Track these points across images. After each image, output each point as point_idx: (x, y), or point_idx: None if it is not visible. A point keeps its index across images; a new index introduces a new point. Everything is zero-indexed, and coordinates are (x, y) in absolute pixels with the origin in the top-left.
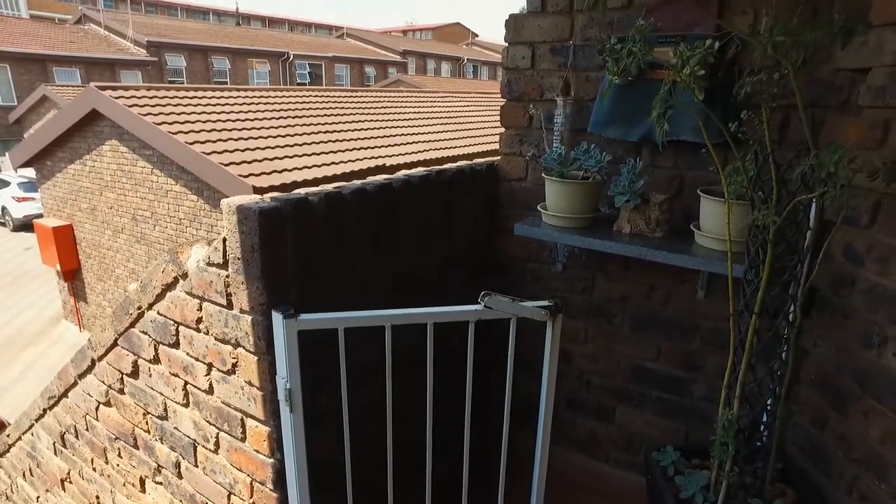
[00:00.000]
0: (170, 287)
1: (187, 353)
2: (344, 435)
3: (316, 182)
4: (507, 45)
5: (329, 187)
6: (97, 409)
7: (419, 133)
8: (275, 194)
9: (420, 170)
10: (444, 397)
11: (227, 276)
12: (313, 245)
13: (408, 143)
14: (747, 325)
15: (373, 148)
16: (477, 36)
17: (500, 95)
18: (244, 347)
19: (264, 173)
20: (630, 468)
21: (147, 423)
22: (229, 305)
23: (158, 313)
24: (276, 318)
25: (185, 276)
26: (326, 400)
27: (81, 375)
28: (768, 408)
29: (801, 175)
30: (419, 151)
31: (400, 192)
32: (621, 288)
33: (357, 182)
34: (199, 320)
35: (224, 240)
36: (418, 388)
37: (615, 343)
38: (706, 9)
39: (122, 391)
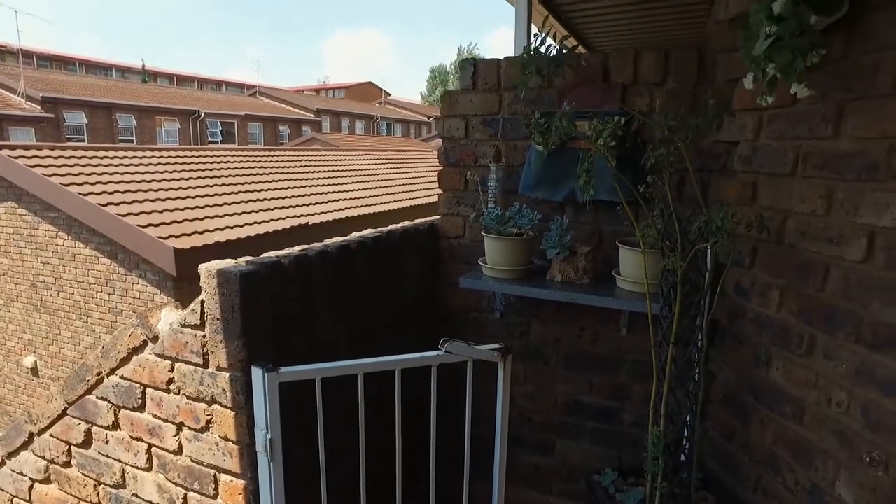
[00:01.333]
0: (137, 350)
1: (154, 416)
2: (321, 481)
3: (240, 242)
4: (443, 117)
5: (295, 250)
6: (31, 488)
7: (339, 191)
8: (249, 258)
9: (372, 231)
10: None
11: (204, 336)
12: (285, 304)
13: (329, 202)
14: (666, 353)
15: (294, 207)
16: (389, 95)
17: (416, 151)
18: (220, 403)
19: (185, 234)
20: (572, 497)
21: (98, 494)
22: (205, 364)
23: (122, 377)
24: (257, 372)
25: (155, 338)
26: (300, 448)
27: (12, 454)
28: (688, 425)
29: (698, 227)
30: (341, 209)
31: (356, 252)
32: (554, 331)
33: (319, 245)
34: (171, 381)
35: (202, 302)
36: (375, 434)
37: (551, 381)
38: (611, 93)
39: (67, 464)
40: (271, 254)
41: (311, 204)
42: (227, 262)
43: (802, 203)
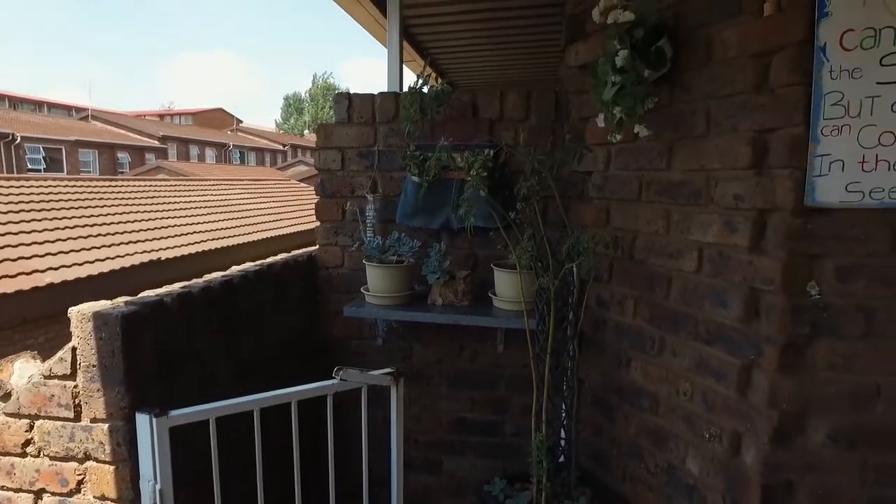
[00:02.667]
0: None
1: (2, 487)
2: None
3: (80, 282)
4: (318, 149)
5: (177, 287)
6: None
7: (193, 223)
8: (127, 298)
9: (253, 264)
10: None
11: (76, 387)
12: (169, 344)
13: (183, 234)
14: (543, 364)
15: (144, 241)
16: (241, 122)
17: (273, 181)
18: (97, 459)
19: (7, 276)
20: None
21: None
22: (76, 417)
23: None
24: (143, 419)
25: (7, 396)
26: (193, 493)
27: None
28: (566, 428)
29: (567, 249)
30: (197, 242)
31: (239, 286)
32: (436, 352)
33: (201, 281)
34: (28, 442)
35: (73, 349)
36: (272, 471)
37: (435, 401)
38: (480, 127)
39: None
40: (150, 292)
41: (163, 238)
42: (102, 304)
43: (647, 224)
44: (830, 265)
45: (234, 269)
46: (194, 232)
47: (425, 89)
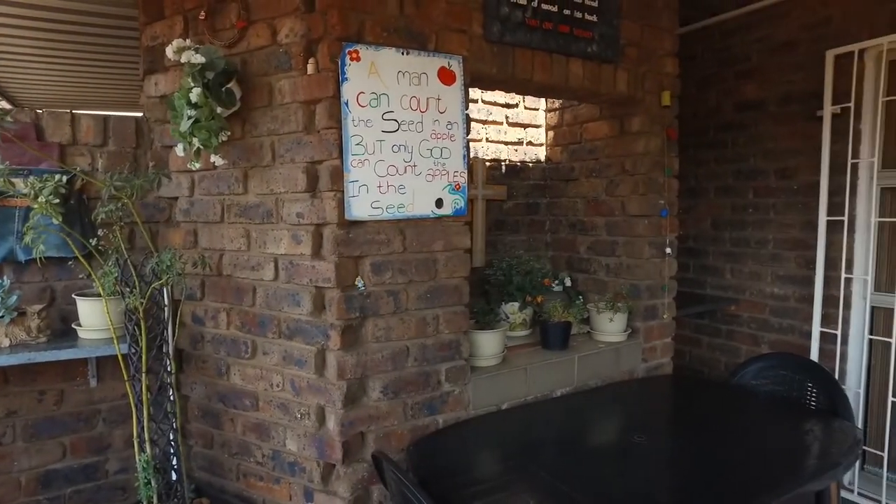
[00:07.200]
0: None
1: None
2: None
3: None
4: None
5: None
6: None
7: None
8: None
9: None
10: None
11: None
12: None
13: None
14: (141, 385)
15: None
16: None
17: None
18: None
19: None
20: None
21: None
22: None
23: None
24: None
25: None
26: None
27: None
28: (173, 444)
29: (151, 269)
30: None
31: None
32: (5, 404)
33: None
34: None
35: None
36: None
37: (11, 461)
38: (48, 151)
39: None
40: None
41: None
42: None
43: (231, 242)
44: (368, 263)
45: None
46: None
47: None
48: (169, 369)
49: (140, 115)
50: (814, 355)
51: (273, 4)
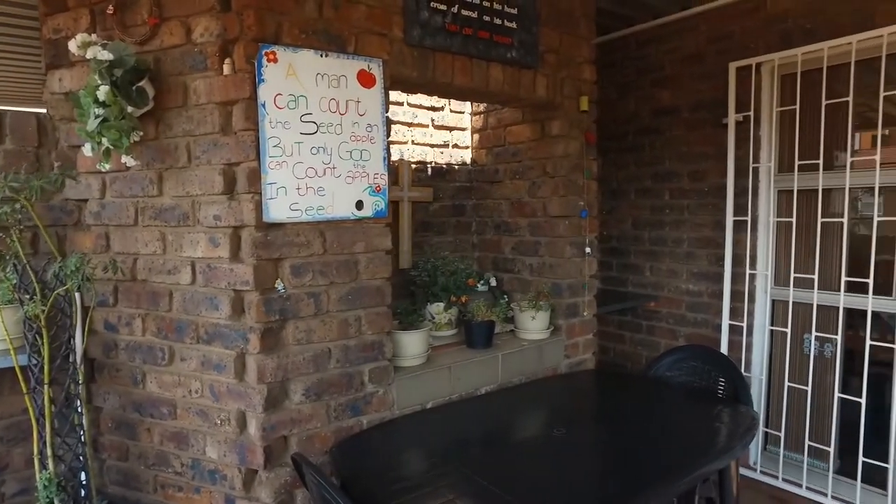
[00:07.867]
0: None
1: None
2: None
3: None
4: None
5: None
6: None
7: None
8: None
9: None
10: None
11: None
12: None
13: None
14: (42, 397)
15: None
16: None
17: None
18: None
19: None
20: None
21: None
22: None
23: None
24: None
25: None
26: None
27: None
28: (81, 458)
29: (55, 275)
30: None
31: None
32: None
33: None
34: None
35: None
36: None
37: None
38: None
39: None
40: None
41: None
42: None
43: (146, 246)
44: (288, 265)
45: None
46: None
47: None
48: (77, 379)
49: (43, 111)
50: (724, 346)
51: (187, 2)
